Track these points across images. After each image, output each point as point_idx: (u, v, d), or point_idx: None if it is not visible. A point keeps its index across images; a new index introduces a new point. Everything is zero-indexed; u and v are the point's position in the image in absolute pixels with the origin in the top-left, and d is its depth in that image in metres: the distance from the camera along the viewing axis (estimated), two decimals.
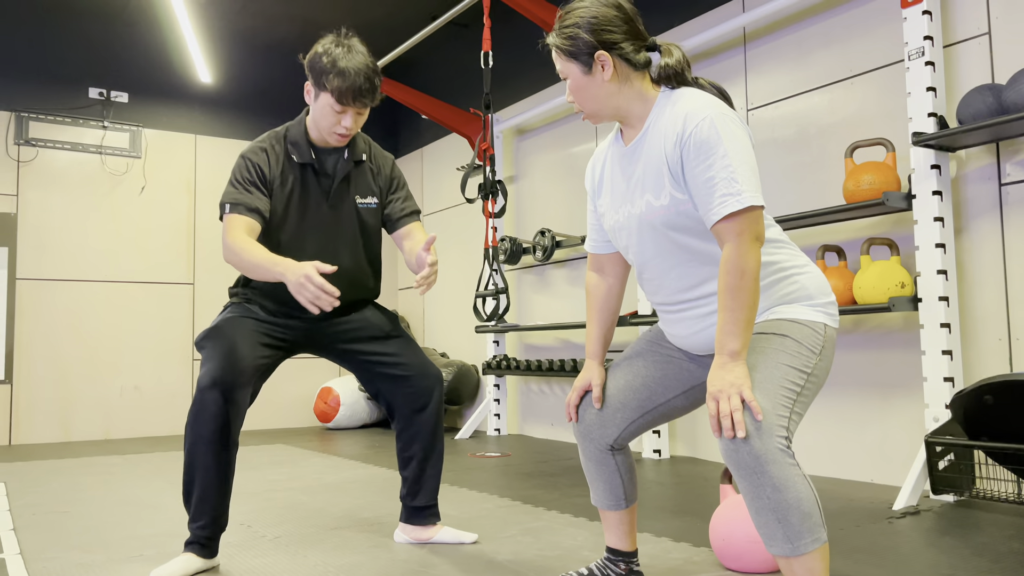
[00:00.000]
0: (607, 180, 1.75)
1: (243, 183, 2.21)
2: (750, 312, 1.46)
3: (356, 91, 2.16)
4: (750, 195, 1.47)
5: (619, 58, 1.61)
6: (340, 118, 2.21)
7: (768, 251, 1.62)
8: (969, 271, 3.02)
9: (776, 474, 1.37)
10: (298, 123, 2.31)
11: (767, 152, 3.81)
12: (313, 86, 2.21)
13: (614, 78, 1.62)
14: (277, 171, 2.26)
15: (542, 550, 2.29)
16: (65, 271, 5.65)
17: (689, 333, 1.69)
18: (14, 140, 5.54)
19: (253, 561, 2.23)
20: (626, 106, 1.65)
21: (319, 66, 2.17)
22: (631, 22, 1.63)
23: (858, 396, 3.36)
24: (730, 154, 1.49)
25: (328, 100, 2.18)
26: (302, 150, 2.28)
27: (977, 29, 3.04)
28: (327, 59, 2.16)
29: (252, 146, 2.28)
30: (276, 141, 2.30)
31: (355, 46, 2.20)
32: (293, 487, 3.46)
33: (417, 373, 2.35)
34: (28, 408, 5.45)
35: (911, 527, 2.48)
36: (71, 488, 3.53)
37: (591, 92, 1.64)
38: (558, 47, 1.64)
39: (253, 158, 2.24)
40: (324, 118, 2.22)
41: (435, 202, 6.50)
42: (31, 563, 2.26)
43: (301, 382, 6.41)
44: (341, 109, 2.19)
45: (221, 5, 5.68)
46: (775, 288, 1.61)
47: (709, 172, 1.50)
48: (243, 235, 2.14)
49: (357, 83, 2.15)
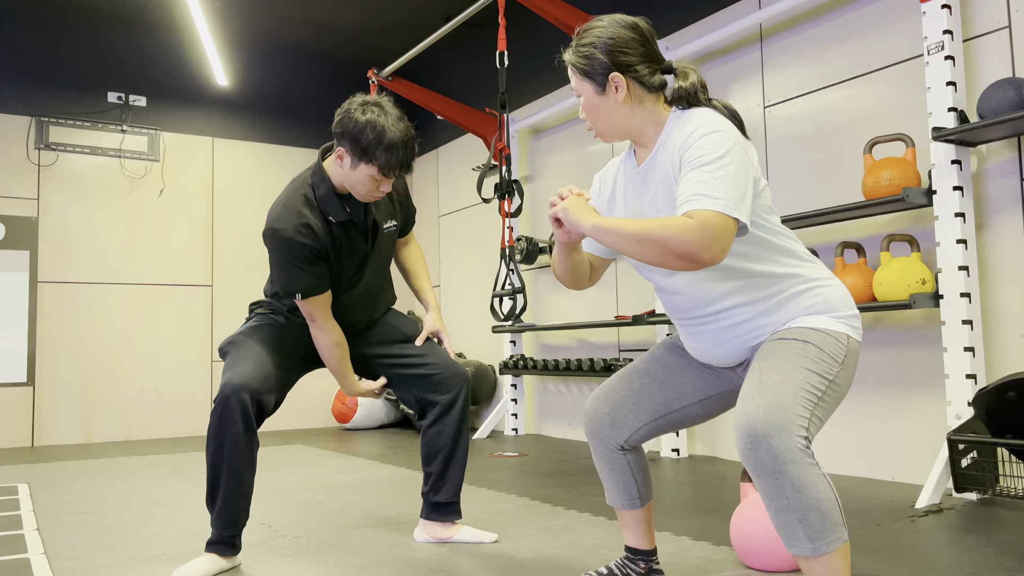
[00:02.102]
0: (619, 198, 1.74)
1: (304, 265, 2.15)
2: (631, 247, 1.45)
3: (402, 164, 2.12)
4: (725, 204, 1.42)
5: (633, 80, 1.60)
6: (379, 184, 2.15)
7: (791, 264, 1.61)
8: (991, 267, 2.99)
9: (795, 474, 1.36)
10: (321, 180, 2.19)
11: (785, 149, 3.79)
12: (350, 154, 2.10)
13: (627, 100, 1.61)
14: (326, 240, 2.20)
15: (561, 549, 2.29)
16: (85, 274, 5.70)
17: (709, 347, 1.68)
18: (35, 145, 5.60)
19: (273, 561, 2.24)
20: (638, 127, 1.64)
21: (364, 140, 2.07)
22: (647, 44, 1.62)
23: (879, 394, 3.34)
24: (720, 163, 1.45)
25: (371, 172, 2.11)
26: (336, 209, 2.20)
27: (997, 23, 3.01)
28: (372, 133, 2.06)
29: (291, 225, 2.13)
30: (308, 208, 2.17)
31: (391, 111, 2.13)
32: (312, 487, 3.47)
33: (444, 371, 2.38)
34: (50, 410, 5.51)
35: (934, 525, 2.46)
36: (93, 488, 3.56)
37: (604, 112, 1.64)
38: (574, 65, 1.64)
39: (303, 242, 2.14)
40: (362, 185, 2.14)
41: (451, 202, 6.51)
42: (55, 563, 2.28)
43: (319, 383, 6.44)
44: (383, 179, 2.14)
45: (238, 9, 5.72)
46: (798, 300, 1.59)
47: (693, 173, 1.47)
48: (330, 319, 2.27)
49: (405, 157, 2.11)
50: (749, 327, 1.61)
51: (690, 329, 1.70)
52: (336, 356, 2.30)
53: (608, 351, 4.84)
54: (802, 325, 1.56)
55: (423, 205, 6.88)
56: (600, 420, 1.79)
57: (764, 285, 1.59)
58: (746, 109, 3.99)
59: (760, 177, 1.60)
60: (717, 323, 1.64)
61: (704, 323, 1.66)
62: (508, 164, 4.90)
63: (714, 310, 1.63)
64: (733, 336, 1.63)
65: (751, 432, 1.37)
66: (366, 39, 6.22)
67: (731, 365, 1.70)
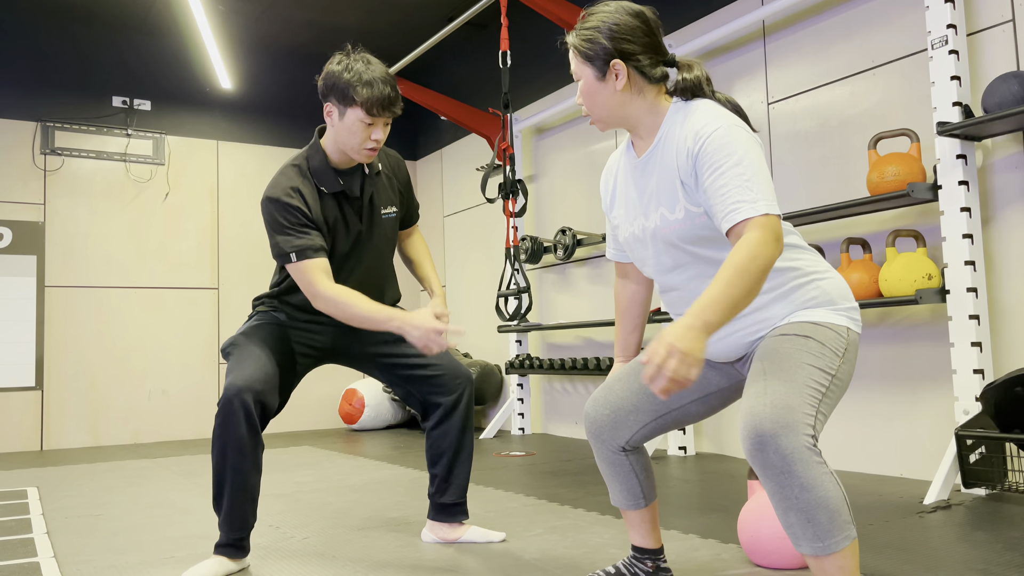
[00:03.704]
0: (620, 192, 1.74)
1: (294, 227, 2.16)
2: (744, 299, 1.38)
3: (386, 100, 2.14)
4: (766, 203, 1.43)
5: (634, 69, 1.59)
6: (370, 131, 2.16)
7: (789, 257, 1.60)
8: (997, 261, 2.98)
9: (804, 473, 1.35)
10: (315, 152, 2.24)
11: (789, 146, 3.79)
12: (337, 104, 2.15)
13: (627, 88, 1.60)
14: (317, 209, 2.21)
15: (569, 548, 2.29)
16: (92, 278, 5.72)
17: (710, 341, 1.67)
18: (40, 150, 5.63)
19: (282, 563, 2.25)
20: (636, 116, 1.63)
21: (342, 83, 2.12)
22: (652, 35, 1.61)
23: (886, 390, 3.33)
24: (744, 163, 1.46)
25: (358, 115, 2.13)
26: (329, 179, 2.22)
27: (1001, 16, 2.99)
28: (349, 74, 2.12)
29: (281, 188, 2.18)
30: (300, 177, 2.21)
31: (370, 59, 2.18)
32: (320, 488, 3.48)
33: (447, 372, 2.37)
34: (59, 414, 5.53)
35: (942, 521, 2.46)
36: (102, 491, 3.58)
37: (601, 98, 1.62)
38: (575, 47, 1.62)
39: (291, 203, 2.16)
40: (353, 135, 2.16)
41: (455, 203, 6.51)
42: (65, 566, 2.29)
43: (326, 384, 6.45)
44: (371, 121, 2.15)
45: (241, 12, 5.73)
46: (797, 293, 1.58)
47: (722, 179, 1.46)
48: (332, 283, 2.13)
49: (385, 92, 2.13)
50: (749, 321, 1.60)
51: None
52: (362, 307, 2.10)
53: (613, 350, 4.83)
54: (802, 320, 1.55)
55: (428, 206, 6.88)
56: (600, 423, 1.79)
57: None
58: (750, 106, 3.98)
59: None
60: None
61: None
62: (512, 164, 4.90)
63: None
64: (733, 330, 1.62)
65: (758, 432, 1.36)
66: (369, 40, 6.23)
67: (730, 360, 1.70)
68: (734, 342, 1.63)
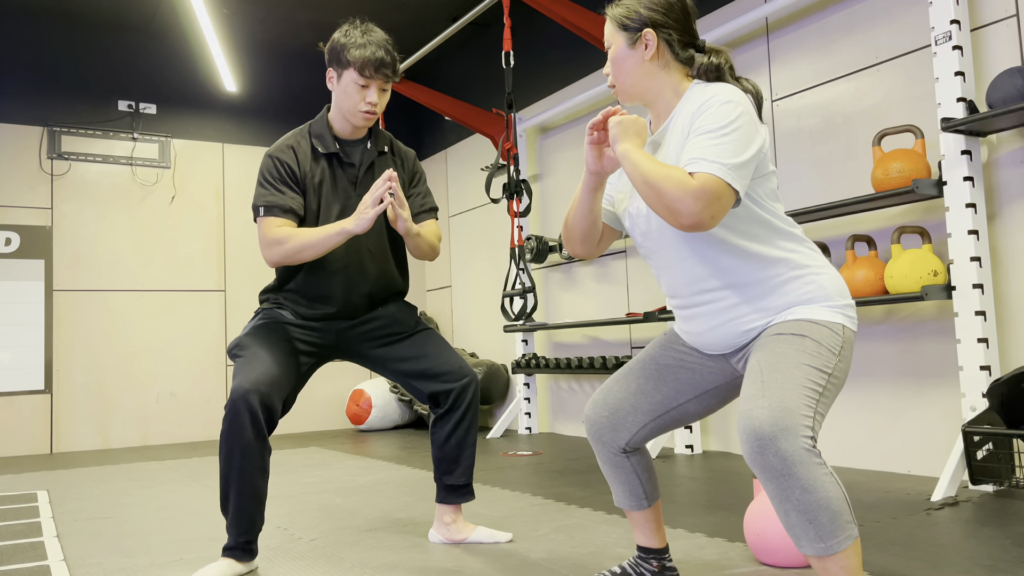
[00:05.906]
0: None
1: (274, 182, 2.24)
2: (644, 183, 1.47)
3: (378, 62, 2.21)
4: (722, 169, 1.44)
5: (664, 42, 1.65)
6: (365, 93, 2.24)
7: (786, 248, 1.60)
8: (1003, 257, 2.97)
9: (804, 475, 1.35)
10: (320, 118, 2.35)
11: (793, 143, 3.78)
12: (336, 68, 2.26)
13: (654, 58, 1.66)
14: (307, 166, 2.29)
15: (576, 548, 2.29)
16: (100, 281, 5.75)
17: (704, 329, 1.67)
18: (47, 154, 5.66)
19: (290, 564, 2.26)
20: (657, 91, 1.67)
21: (339, 46, 2.23)
22: (687, 17, 1.68)
23: (892, 387, 3.32)
24: (729, 133, 1.48)
25: (352, 76, 2.22)
26: (326, 141, 2.31)
27: (1005, 11, 2.98)
28: (346, 39, 2.23)
29: (278, 144, 2.30)
30: (301, 137, 2.32)
31: (371, 27, 2.28)
32: (327, 489, 3.49)
33: (453, 369, 2.38)
34: (68, 417, 5.56)
35: (950, 518, 2.45)
36: (111, 494, 3.59)
37: (628, 66, 1.67)
38: (613, 17, 1.68)
39: (281, 156, 2.26)
40: (348, 97, 2.25)
41: (460, 203, 6.52)
42: (75, 569, 2.30)
43: (333, 384, 6.47)
44: (365, 83, 2.22)
45: (245, 15, 5.75)
46: (791, 286, 1.58)
47: (701, 137, 1.49)
48: (280, 231, 2.18)
49: (378, 55, 2.21)
50: (742, 311, 1.60)
51: (687, 312, 1.70)
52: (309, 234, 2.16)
53: (620, 348, 4.84)
54: (798, 317, 1.55)
55: None
56: (600, 425, 1.79)
57: (757, 268, 1.58)
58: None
59: (769, 161, 1.60)
60: (713, 304, 1.63)
61: (700, 304, 1.65)
62: (516, 163, 4.90)
63: (710, 286, 1.62)
64: (728, 319, 1.62)
65: (757, 435, 1.36)
66: None
67: (724, 351, 1.69)
68: (728, 331, 1.63)
